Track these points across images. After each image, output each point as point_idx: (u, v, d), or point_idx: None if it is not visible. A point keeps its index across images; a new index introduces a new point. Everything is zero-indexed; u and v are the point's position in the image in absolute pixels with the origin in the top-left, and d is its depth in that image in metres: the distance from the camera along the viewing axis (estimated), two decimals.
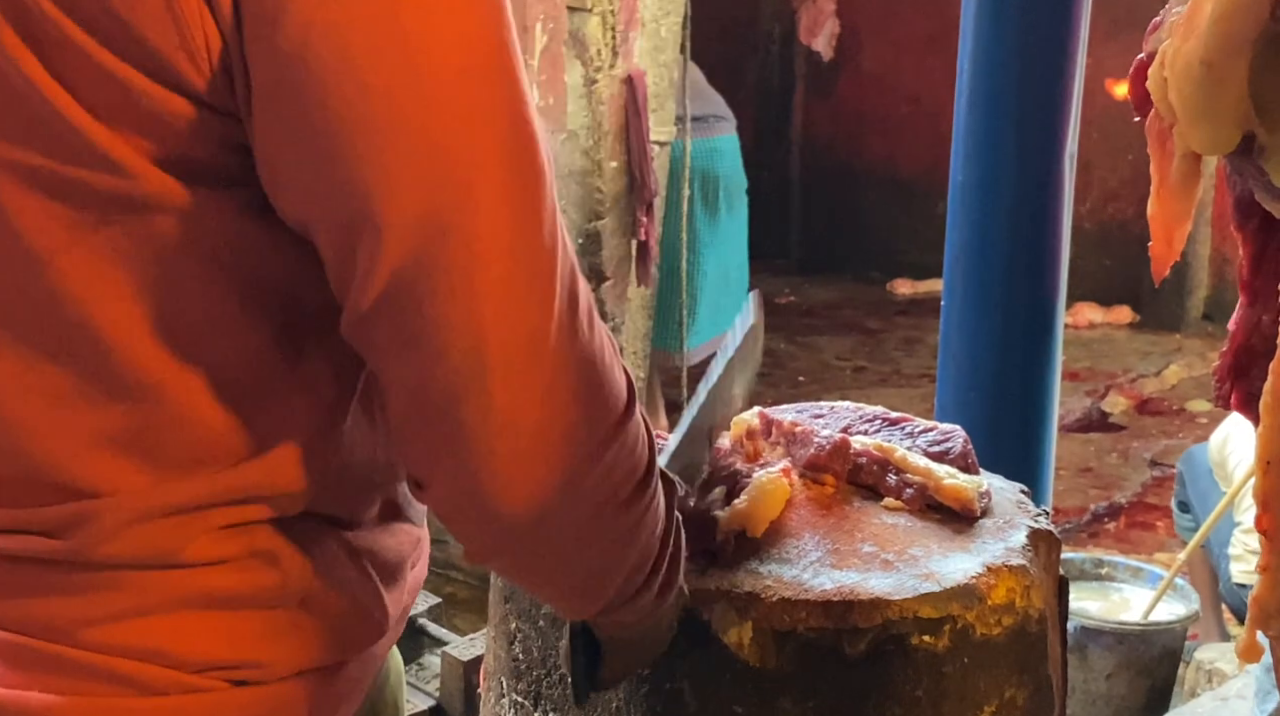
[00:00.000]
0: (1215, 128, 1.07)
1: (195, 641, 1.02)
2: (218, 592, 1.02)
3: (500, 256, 0.91)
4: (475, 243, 0.91)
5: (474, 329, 0.92)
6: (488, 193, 0.91)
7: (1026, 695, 1.39)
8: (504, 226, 0.91)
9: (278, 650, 1.05)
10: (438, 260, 0.90)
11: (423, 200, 0.89)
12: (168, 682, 1.02)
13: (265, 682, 1.05)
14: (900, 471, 1.53)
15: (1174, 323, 8.33)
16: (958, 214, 2.79)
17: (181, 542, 1.01)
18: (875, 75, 9.63)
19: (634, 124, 4.97)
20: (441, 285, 0.91)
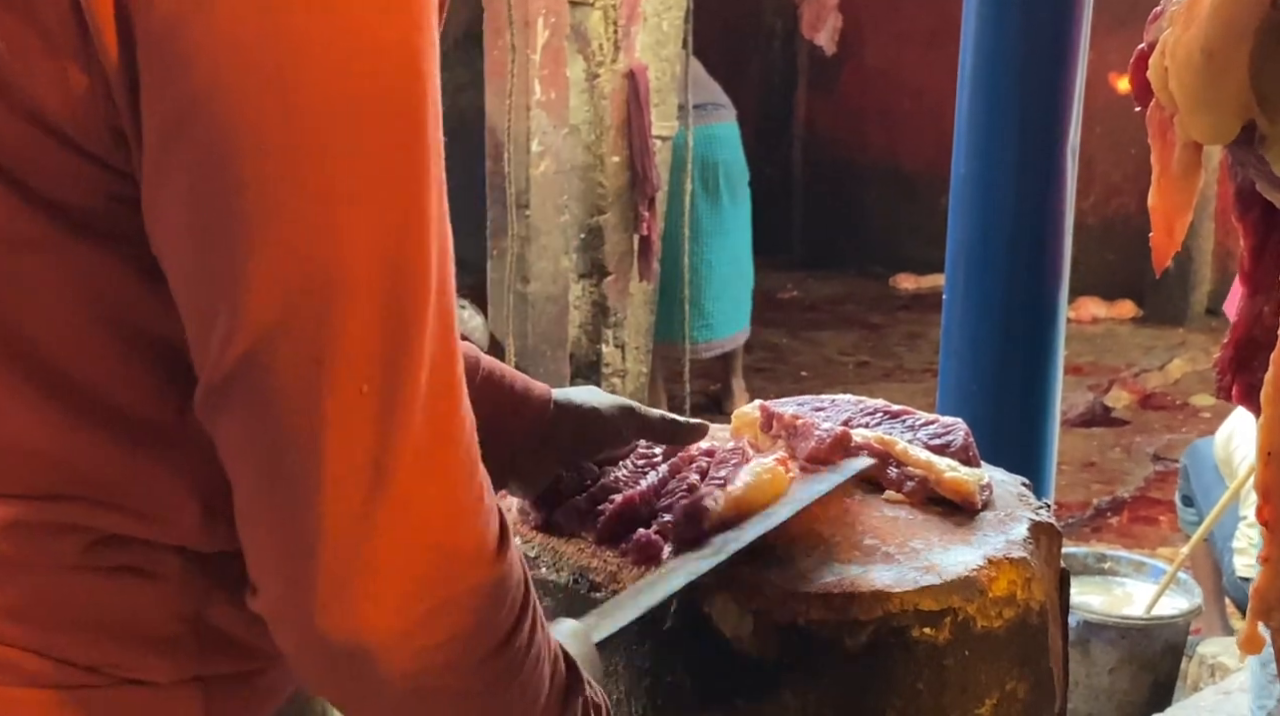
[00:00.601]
0: (1216, 117, 1.07)
1: (87, 644, 1.00)
2: (107, 600, 0.99)
3: (356, 379, 0.87)
4: (330, 360, 0.87)
5: (313, 447, 0.87)
6: (355, 313, 0.86)
7: (1027, 687, 1.39)
8: (367, 350, 0.87)
9: (172, 657, 1.02)
10: (287, 367, 0.87)
11: (282, 302, 0.86)
12: (59, 676, 0.99)
13: (158, 684, 1.02)
14: (901, 464, 1.53)
15: (1177, 317, 8.32)
16: (960, 208, 2.78)
17: (68, 552, 0.98)
18: (878, 70, 9.62)
19: (636, 118, 4.97)
20: (287, 393, 0.87)
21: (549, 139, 4.77)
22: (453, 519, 0.92)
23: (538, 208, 4.78)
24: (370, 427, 0.88)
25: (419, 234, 0.88)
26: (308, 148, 0.85)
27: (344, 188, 0.86)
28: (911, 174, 9.31)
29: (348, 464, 0.88)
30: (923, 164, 9.02)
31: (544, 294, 4.87)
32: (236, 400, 0.89)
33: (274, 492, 0.90)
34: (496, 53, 4.74)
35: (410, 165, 0.88)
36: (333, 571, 0.89)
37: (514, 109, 4.60)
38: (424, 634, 0.92)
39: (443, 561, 0.92)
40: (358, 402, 0.87)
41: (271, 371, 0.87)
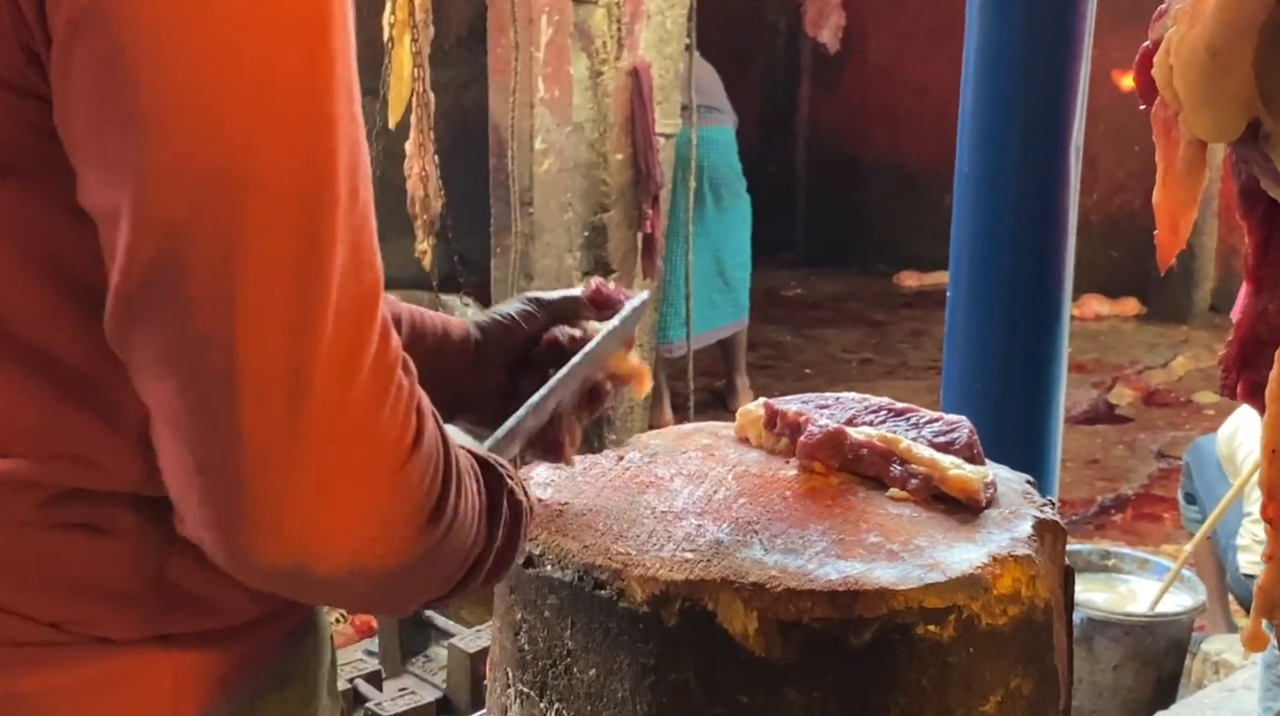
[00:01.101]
0: (1220, 114, 1.07)
1: (50, 600, 1.00)
2: (69, 556, 0.99)
3: (267, 281, 0.86)
4: (239, 261, 0.86)
5: (227, 355, 0.87)
6: (261, 213, 0.86)
7: (1032, 685, 1.39)
8: (277, 251, 0.87)
9: (136, 615, 1.01)
10: (195, 272, 0.86)
11: (186, 202, 0.85)
12: (24, 632, 1.00)
13: (123, 643, 1.02)
14: (905, 462, 1.53)
15: (1181, 314, 8.32)
16: (963, 206, 2.78)
17: (27, 507, 0.98)
18: (881, 67, 9.62)
19: (639, 116, 4.97)
20: (197, 298, 0.87)
21: (553, 136, 4.78)
22: (371, 420, 0.91)
23: (541, 205, 4.78)
24: (286, 333, 0.88)
25: (325, 136, 0.88)
26: (205, 42, 0.85)
27: (243, 83, 0.86)
28: (914, 171, 9.31)
29: (266, 371, 0.87)
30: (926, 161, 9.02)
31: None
32: (148, 309, 0.88)
33: (191, 408, 0.89)
34: (500, 50, 4.74)
35: (313, 66, 0.88)
36: (259, 485, 0.89)
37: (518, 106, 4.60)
38: (357, 535, 0.93)
39: (364, 463, 0.92)
40: (271, 306, 0.87)
41: (181, 274, 0.86)
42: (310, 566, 0.93)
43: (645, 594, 1.34)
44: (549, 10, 4.63)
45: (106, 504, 1.00)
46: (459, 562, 1.06)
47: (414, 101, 4.49)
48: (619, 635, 1.36)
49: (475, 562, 1.08)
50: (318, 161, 0.88)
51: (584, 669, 1.40)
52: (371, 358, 0.92)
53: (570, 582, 1.39)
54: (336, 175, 0.89)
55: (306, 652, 1.19)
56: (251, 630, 1.09)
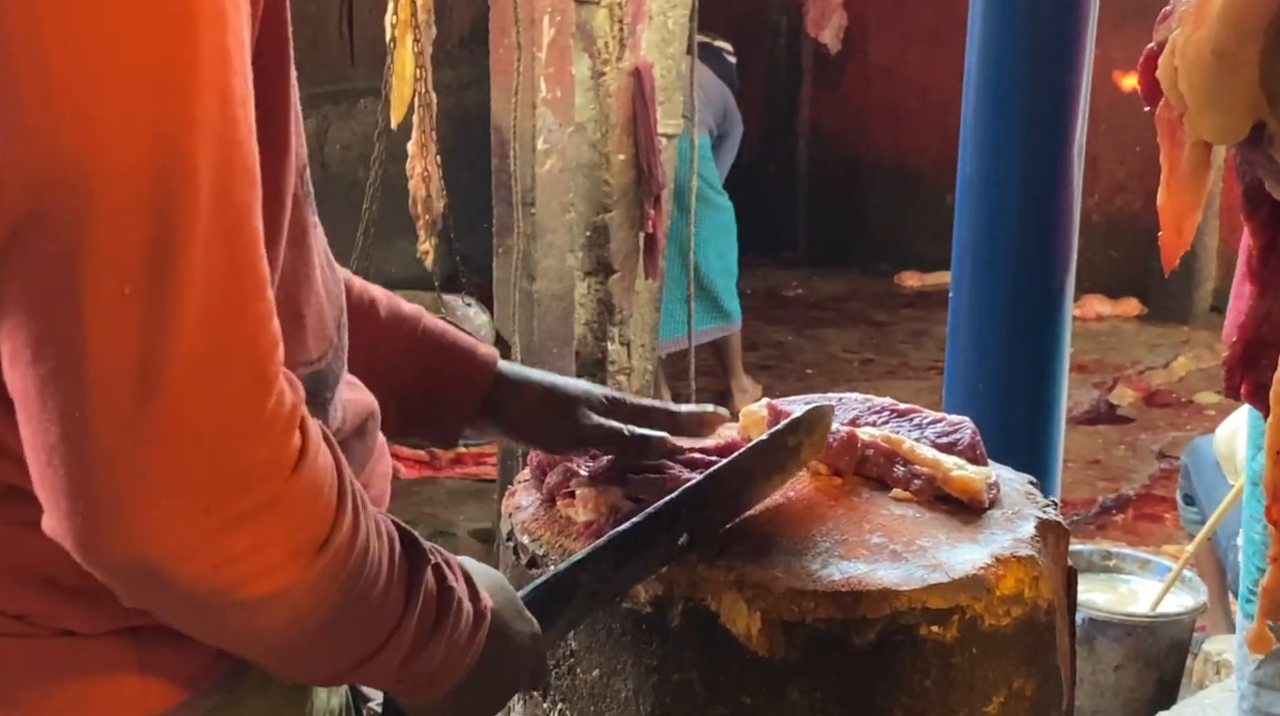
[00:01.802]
0: (1226, 116, 1.07)
1: (12, 588, 0.99)
2: (23, 545, 0.98)
3: (116, 279, 0.85)
4: (85, 259, 0.85)
5: (75, 351, 0.86)
6: (110, 209, 0.85)
7: (1035, 686, 1.39)
8: (128, 250, 0.85)
9: (96, 607, 1.00)
10: (41, 265, 0.85)
11: (30, 196, 0.84)
12: None
13: (88, 635, 1.02)
14: (908, 462, 1.53)
15: (1182, 314, 8.31)
16: (966, 207, 2.79)
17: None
18: (883, 67, 9.61)
19: (641, 116, 4.97)
20: (44, 291, 0.85)
21: (554, 137, 4.77)
22: (236, 431, 0.89)
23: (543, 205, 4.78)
24: (136, 331, 0.86)
25: (181, 135, 0.86)
26: (53, 36, 0.83)
27: (92, 79, 0.84)
28: (916, 171, 9.30)
29: (113, 367, 0.86)
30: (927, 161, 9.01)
31: (549, 292, 4.87)
32: (2, 300, 0.87)
33: (44, 399, 0.87)
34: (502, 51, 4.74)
35: (171, 64, 0.86)
36: (107, 485, 0.88)
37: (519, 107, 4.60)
38: (217, 548, 0.90)
39: (228, 475, 0.89)
40: (119, 304, 0.85)
41: (29, 268, 0.85)
42: (164, 572, 0.90)
43: (648, 594, 1.35)
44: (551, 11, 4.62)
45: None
46: (365, 626, 1.02)
47: (416, 102, 4.49)
48: (622, 635, 1.36)
49: (386, 639, 1.03)
50: (171, 161, 0.86)
51: (587, 669, 1.40)
52: (248, 366, 0.90)
53: None
54: (194, 174, 0.87)
55: None
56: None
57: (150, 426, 0.87)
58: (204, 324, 0.88)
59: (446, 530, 5.25)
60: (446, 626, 1.08)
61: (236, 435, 0.90)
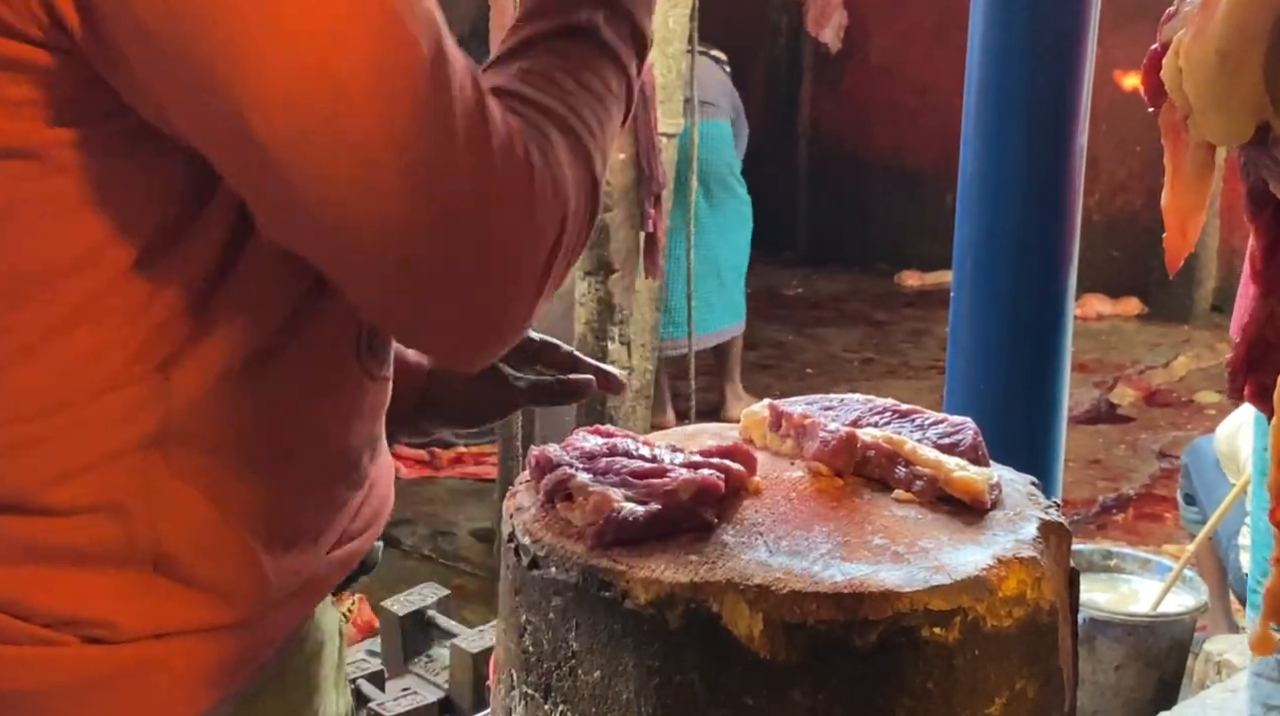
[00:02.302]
0: (1230, 118, 1.07)
1: (46, 595, 1.01)
2: (66, 546, 1.00)
3: (394, 144, 0.93)
4: (361, 140, 0.92)
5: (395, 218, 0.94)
6: (358, 94, 0.92)
7: (1037, 687, 1.39)
8: (387, 113, 0.93)
9: (130, 611, 1.03)
10: (331, 166, 0.92)
11: (290, 109, 0.90)
12: (19, 633, 1.01)
13: (118, 642, 1.03)
14: (910, 463, 1.53)
15: (1183, 314, 8.32)
16: (967, 206, 2.78)
17: (35, 486, 0.99)
18: (883, 66, 9.62)
19: (641, 116, 4.97)
20: (346, 186, 0.93)
21: None
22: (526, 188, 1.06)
23: None
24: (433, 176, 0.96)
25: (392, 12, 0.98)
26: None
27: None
28: (916, 170, 9.31)
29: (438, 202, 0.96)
30: (927, 161, 9.02)
31: None
32: (310, 216, 0.94)
33: (373, 262, 0.97)
34: None
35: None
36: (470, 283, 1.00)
37: None
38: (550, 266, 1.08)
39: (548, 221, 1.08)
40: (410, 164, 0.94)
41: (327, 173, 0.92)
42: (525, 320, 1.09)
43: (649, 596, 1.34)
44: None
45: (108, 473, 1.01)
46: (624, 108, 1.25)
47: None
48: (623, 637, 1.36)
49: (626, 94, 1.29)
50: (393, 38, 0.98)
51: (588, 670, 1.39)
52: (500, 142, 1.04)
53: (574, 584, 1.39)
54: (415, 42, 1.00)
55: (309, 650, 1.19)
56: (250, 627, 1.09)
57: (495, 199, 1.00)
58: (469, 141, 1.00)
59: (447, 530, 5.25)
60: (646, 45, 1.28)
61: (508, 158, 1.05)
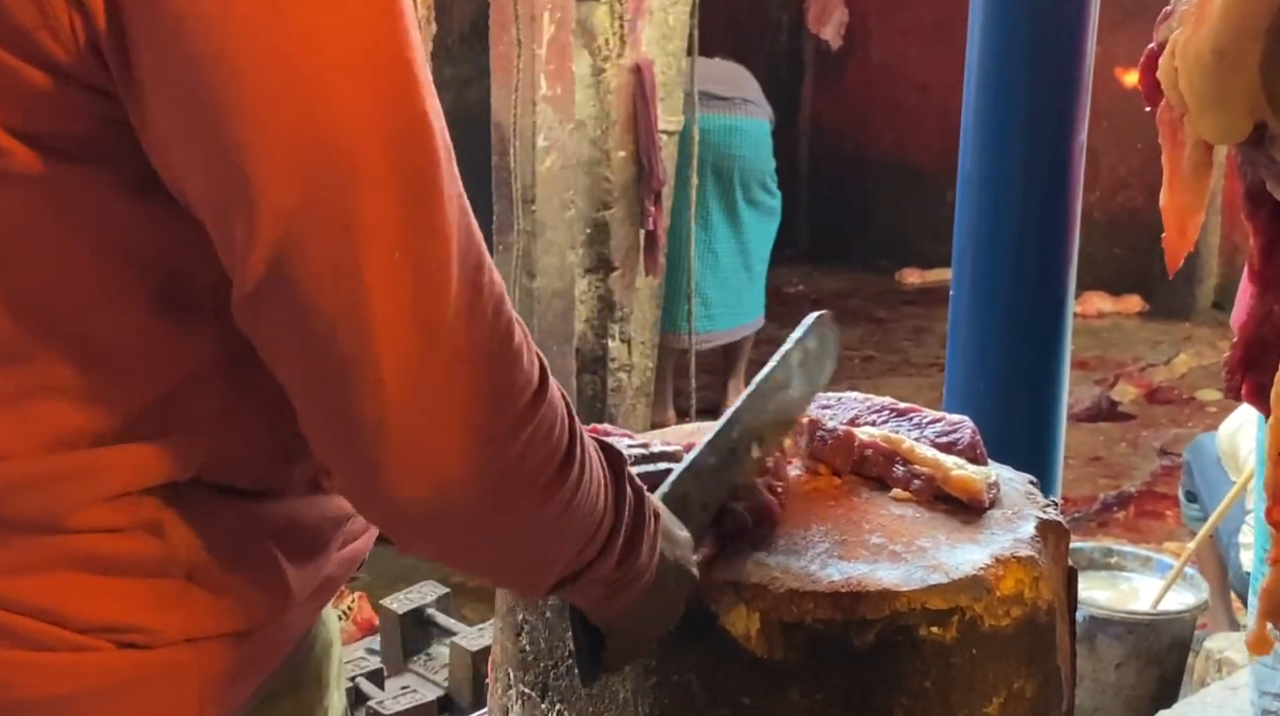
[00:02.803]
0: (1227, 117, 1.06)
1: (82, 602, 1.02)
2: (103, 558, 1.02)
3: (387, 245, 0.91)
4: (359, 231, 0.90)
5: (361, 319, 0.91)
6: (372, 180, 0.90)
7: (1035, 686, 1.39)
8: (391, 215, 0.91)
9: (165, 618, 1.04)
10: (318, 249, 0.91)
11: (299, 186, 0.89)
12: (54, 639, 1.02)
13: (153, 647, 1.04)
14: (908, 462, 1.53)
15: (1184, 311, 8.30)
16: (967, 203, 2.78)
17: (68, 510, 1.01)
18: (884, 64, 9.60)
19: (642, 113, 4.97)
20: (324, 273, 0.91)
21: (555, 134, 4.77)
22: (501, 360, 0.97)
23: (543, 202, 4.77)
24: (409, 290, 0.92)
25: (415, 99, 0.93)
26: (295, 31, 0.88)
27: (335, 63, 0.89)
28: (917, 168, 9.29)
29: (397, 329, 0.92)
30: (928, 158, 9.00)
31: (550, 289, 4.87)
32: (277, 292, 0.92)
33: (329, 375, 0.94)
34: (502, 47, 4.73)
35: (392, 35, 0.92)
36: (402, 439, 0.94)
37: (520, 104, 4.59)
38: (488, 470, 0.98)
39: (497, 403, 0.97)
40: (393, 268, 0.91)
41: (305, 254, 0.90)
42: (453, 501, 0.98)
43: None
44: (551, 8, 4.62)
45: (144, 499, 1.03)
46: (589, 531, 1.09)
47: None
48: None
49: (606, 539, 1.11)
50: (414, 124, 0.92)
51: None
52: (495, 301, 0.97)
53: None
54: (432, 133, 0.93)
55: (319, 649, 1.21)
56: (273, 629, 1.11)
57: (434, 375, 0.93)
58: (460, 270, 0.94)
59: None
60: (645, 522, 1.16)
61: (501, 364, 0.97)
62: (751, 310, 6.31)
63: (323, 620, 1.23)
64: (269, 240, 0.90)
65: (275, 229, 0.90)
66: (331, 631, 1.25)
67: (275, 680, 1.14)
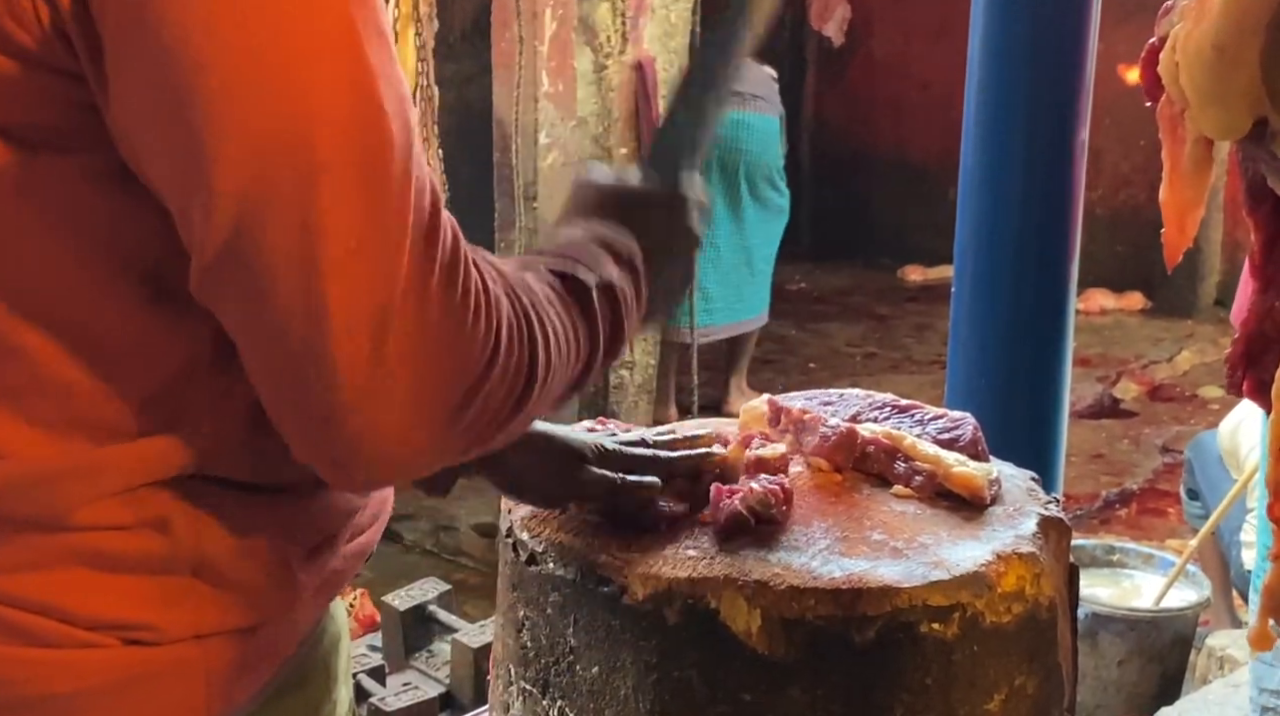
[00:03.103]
0: (1227, 112, 1.06)
1: (87, 598, 1.03)
2: (108, 554, 1.03)
3: (340, 236, 0.91)
4: (312, 221, 0.91)
5: (314, 308, 0.92)
6: (326, 172, 0.91)
7: (1036, 683, 1.39)
8: (343, 201, 0.92)
9: (171, 614, 1.05)
10: (272, 231, 0.91)
11: (254, 175, 0.90)
12: (60, 636, 1.03)
13: (159, 644, 1.05)
14: (909, 459, 1.53)
15: (1186, 308, 8.31)
16: (968, 200, 2.77)
17: (70, 506, 1.01)
18: (886, 61, 9.61)
19: (644, 110, 4.97)
20: (278, 261, 0.91)
21: (557, 131, 4.77)
22: (456, 339, 0.97)
23: (545, 200, 4.78)
24: (365, 281, 0.92)
25: (370, 86, 0.93)
26: (255, 15, 0.89)
27: (293, 49, 0.90)
28: (920, 165, 9.29)
29: (352, 319, 0.92)
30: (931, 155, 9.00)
31: None
32: (233, 275, 0.93)
33: (287, 363, 0.95)
34: (504, 44, 4.74)
35: (350, 21, 0.92)
36: (358, 423, 0.95)
37: (521, 101, 4.60)
38: (451, 434, 0.99)
39: (452, 380, 0.97)
40: (350, 260, 0.91)
41: (259, 238, 0.91)
42: (419, 466, 1.01)
43: (647, 591, 1.34)
44: (553, 4, 4.62)
45: (148, 494, 1.03)
46: (569, 384, 1.12)
47: (418, 95, 4.48)
48: (621, 632, 1.36)
49: (586, 367, 1.14)
50: (369, 111, 0.93)
51: (586, 666, 1.39)
52: (443, 276, 0.96)
53: (572, 580, 1.39)
54: (387, 118, 0.93)
55: (326, 643, 1.21)
56: (280, 624, 1.12)
57: (390, 360, 0.94)
58: (414, 258, 0.94)
59: (449, 524, 5.25)
60: (626, 316, 1.18)
61: (457, 341, 0.97)
62: (753, 307, 6.31)
63: (331, 613, 1.23)
64: (224, 223, 0.90)
65: (230, 211, 0.90)
66: (340, 624, 1.26)
67: (283, 674, 1.14)
